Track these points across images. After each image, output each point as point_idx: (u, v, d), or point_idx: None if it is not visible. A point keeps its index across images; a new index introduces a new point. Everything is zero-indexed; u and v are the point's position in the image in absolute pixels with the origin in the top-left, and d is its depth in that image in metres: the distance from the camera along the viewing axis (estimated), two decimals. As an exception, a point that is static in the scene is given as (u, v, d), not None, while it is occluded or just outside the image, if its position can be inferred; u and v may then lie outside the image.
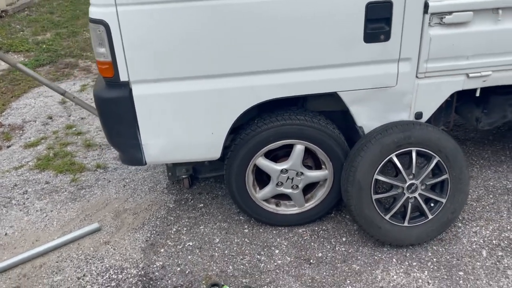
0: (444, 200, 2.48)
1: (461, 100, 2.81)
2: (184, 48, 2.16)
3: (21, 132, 4.31)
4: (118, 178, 3.43)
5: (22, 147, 4.00)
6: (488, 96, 2.74)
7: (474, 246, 2.55)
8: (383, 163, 2.39)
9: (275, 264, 2.52)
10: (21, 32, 7.86)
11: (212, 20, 2.12)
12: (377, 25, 2.23)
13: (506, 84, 2.53)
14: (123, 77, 2.19)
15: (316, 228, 2.77)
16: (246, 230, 2.79)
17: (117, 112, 2.29)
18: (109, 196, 3.22)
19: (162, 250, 2.68)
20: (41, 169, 3.61)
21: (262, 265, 2.52)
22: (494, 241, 2.57)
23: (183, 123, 2.34)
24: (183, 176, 3.11)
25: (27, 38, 7.43)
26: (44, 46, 6.80)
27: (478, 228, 2.68)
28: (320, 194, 2.70)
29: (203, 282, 2.43)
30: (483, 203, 2.90)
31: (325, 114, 2.61)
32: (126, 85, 2.22)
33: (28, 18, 8.72)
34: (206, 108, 2.31)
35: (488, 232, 2.65)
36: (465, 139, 3.71)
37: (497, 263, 2.43)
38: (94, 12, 2.10)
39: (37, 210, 3.11)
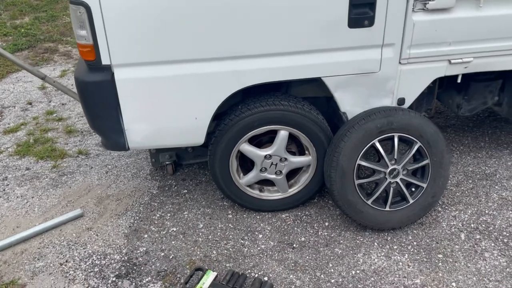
0: (425, 185, 2.52)
1: (443, 87, 2.85)
2: (166, 32, 2.13)
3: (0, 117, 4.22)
4: (100, 164, 3.40)
5: (1, 133, 3.91)
6: (469, 83, 2.78)
7: (453, 230, 2.60)
8: (365, 148, 2.41)
9: (259, 248, 2.54)
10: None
11: (194, 3, 2.09)
12: (361, 10, 2.23)
13: (486, 71, 2.57)
14: (105, 61, 2.16)
15: (299, 213, 2.79)
16: (230, 216, 2.80)
17: (99, 96, 2.25)
18: (91, 183, 3.19)
19: (145, 235, 2.67)
20: (21, 155, 3.55)
21: (246, 249, 2.53)
22: (472, 225, 2.63)
23: (166, 108, 2.32)
24: (167, 163, 3.10)
25: (4, 22, 7.23)
26: (23, 30, 6.63)
27: (457, 212, 2.74)
28: (303, 180, 2.72)
29: (187, 267, 2.43)
30: (462, 188, 2.96)
31: (309, 100, 2.62)
32: (108, 69, 2.18)
33: (5, 2, 8.46)
34: (189, 93, 2.29)
35: (466, 216, 2.71)
36: (445, 125, 3.76)
37: (475, 245, 2.49)
38: (75, -7, 2.05)
39: (17, 197, 3.06)
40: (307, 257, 2.47)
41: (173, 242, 2.61)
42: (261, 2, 2.13)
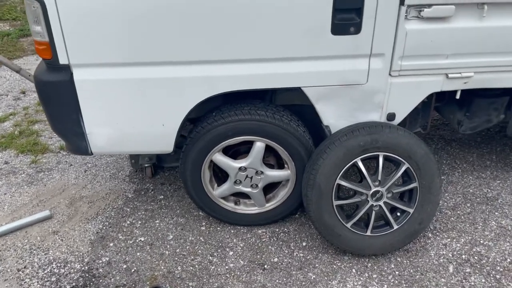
0: (411, 210, 2.30)
1: (443, 101, 2.60)
2: (129, 31, 1.95)
3: (-9, 106, 4.14)
4: (80, 162, 3.27)
5: (-11, 123, 3.83)
6: (472, 99, 2.52)
7: (442, 260, 2.37)
8: (346, 167, 2.20)
9: (227, 267, 2.36)
10: (11, 0, 7.62)
11: (162, 1, 1.90)
12: (347, 15, 2.00)
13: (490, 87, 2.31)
14: (62, 60, 1.99)
15: (277, 230, 2.60)
16: (203, 228, 2.63)
17: (58, 97, 2.10)
18: (67, 181, 3.06)
19: (111, 244, 2.52)
20: (3, 148, 3.46)
21: (213, 267, 2.36)
22: (463, 256, 2.39)
23: (130, 113, 2.15)
24: (146, 165, 2.94)
25: (15, 6, 7.20)
26: (30, 15, 6.55)
27: (449, 240, 2.50)
28: (282, 195, 2.52)
29: (148, 283, 2.28)
30: (458, 212, 2.71)
31: (295, 109, 2.42)
32: (67, 69, 2.02)
33: (20, -15, 8.45)
34: (155, 98, 2.12)
35: (459, 245, 2.47)
36: (451, 139, 3.49)
37: (463, 280, 2.25)
38: (29, -15, 1.89)
39: (-10, 192, 2.97)
40: (277, 281, 2.28)
41: (138, 254, 2.45)
42: (236, 3, 1.92)
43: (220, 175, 2.59)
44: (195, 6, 1.91)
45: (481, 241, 2.49)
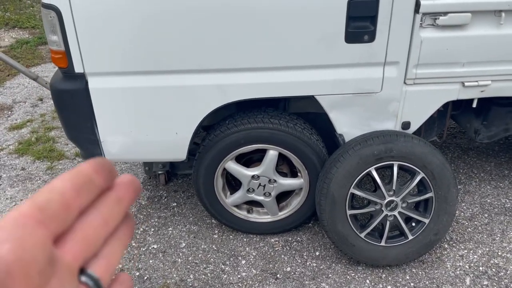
0: (427, 221, 2.25)
1: (459, 109, 2.56)
2: (143, 40, 1.96)
3: (9, 113, 4.21)
4: (95, 169, 3.29)
5: (7, 129, 3.90)
6: (489, 107, 2.47)
7: (458, 272, 2.32)
8: (360, 176, 2.17)
9: (239, 276, 2.35)
10: (31, 8, 7.78)
11: (174, 10, 1.91)
12: (361, 23, 1.99)
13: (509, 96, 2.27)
14: (78, 68, 2.02)
15: (290, 239, 2.58)
16: (216, 236, 2.62)
17: (73, 105, 2.12)
18: (82, 188, 3.09)
19: (124, 251, 2.53)
20: (20, 154, 3.51)
21: (225, 276, 2.35)
22: (481, 268, 2.34)
23: (143, 121, 2.17)
24: (159, 172, 2.96)
25: (35, 15, 7.34)
26: (49, 23, 6.67)
27: (465, 251, 2.45)
28: (295, 203, 2.50)
29: (160, 290, 2.28)
30: (475, 222, 2.66)
31: (309, 117, 2.40)
32: (82, 77, 2.05)
33: (39, -6, 8.63)
34: (169, 106, 2.13)
35: (476, 256, 2.41)
36: (467, 148, 3.43)
37: (481, 293, 2.20)
38: (46, -4, 1.92)
39: (7, 198, 3.01)
40: (290, 290, 2.26)
41: (151, 261, 2.46)
42: (249, 12, 1.93)
43: (233, 183, 2.59)
44: (208, 15, 1.92)
45: (499, 253, 2.43)
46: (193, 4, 1.90)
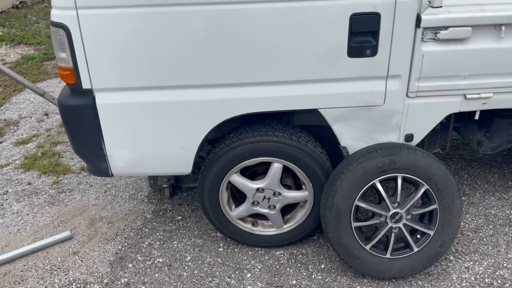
0: (431, 232, 2.26)
1: (462, 121, 2.58)
2: (149, 56, 2.00)
3: (15, 128, 4.25)
4: (100, 183, 3.32)
5: (13, 144, 3.93)
6: (492, 119, 2.50)
7: (464, 284, 2.32)
8: (364, 188, 2.19)
9: (245, 289, 2.35)
10: (36, 24, 7.90)
11: (181, 27, 1.95)
12: (363, 38, 2.02)
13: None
14: (85, 85, 2.06)
15: (295, 252, 2.58)
16: (221, 249, 2.63)
17: (81, 121, 2.16)
18: (87, 202, 3.11)
19: (130, 265, 2.54)
20: (26, 169, 3.54)
21: (231, 289, 2.35)
22: (486, 279, 2.34)
23: (149, 135, 2.20)
24: (164, 186, 2.99)
25: (40, 31, 7.45)
26: (54, 39, 6.76)
27: (471, 263, 2.45)
28: (300, 216, 2.51)
29: (166, 304, 2.28)
30: (480, 234, 2.66)
31: (313, 129, 2.43)
32: (90, 93, 2.08)
33: (45, 10, 8.77)
34: (174, 120, 2.16)
35: (481, 268, 2.41)
36: (471, 159, 3.45)
37: (487, 305, 2.20)
38: (55, 15, 1.97)
39: (13, 213, 3.03)
40: (295, 303, 2.26)
41: (156, 275, 2.46)
42: (254, 29, 1.97)
43: (238, 195, 2.60)
44: (213, 31, 1.96)
45: (505, 264, 2.43)
46: (198, 23, 1.94)
